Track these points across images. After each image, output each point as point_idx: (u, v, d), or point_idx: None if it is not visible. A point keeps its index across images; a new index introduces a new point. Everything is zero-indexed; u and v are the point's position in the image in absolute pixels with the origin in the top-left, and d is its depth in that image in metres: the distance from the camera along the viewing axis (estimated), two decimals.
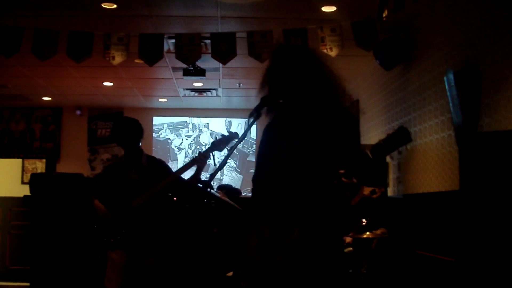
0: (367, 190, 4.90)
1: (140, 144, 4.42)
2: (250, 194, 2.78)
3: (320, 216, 2.53)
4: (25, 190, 7.50)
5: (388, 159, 6.57)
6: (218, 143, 4.20)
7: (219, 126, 11.27)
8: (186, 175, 4.37)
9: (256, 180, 2.75)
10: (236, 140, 4.10)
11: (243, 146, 11.02)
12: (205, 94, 9.80)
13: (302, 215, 2.51)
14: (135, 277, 4.25)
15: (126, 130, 4.34)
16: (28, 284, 6.32)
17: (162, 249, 4.38)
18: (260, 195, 2.74)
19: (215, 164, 4.88)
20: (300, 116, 2.65)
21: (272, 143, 2.63)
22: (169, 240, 5.07)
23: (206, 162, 4.29)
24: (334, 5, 5.43)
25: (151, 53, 5.57)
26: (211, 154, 4.23)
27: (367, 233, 4.72)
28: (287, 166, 2.60)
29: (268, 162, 2.70)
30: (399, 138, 2.38)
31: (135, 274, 4.25)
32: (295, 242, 2.54)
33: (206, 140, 11.14)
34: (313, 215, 2.52)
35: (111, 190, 4.31)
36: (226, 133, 4.28)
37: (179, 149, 11.28)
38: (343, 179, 2.33)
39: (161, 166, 4.49)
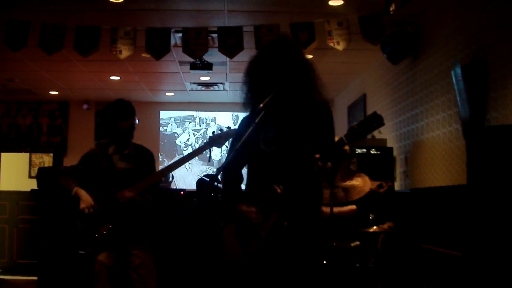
0: (374, 184, 4.89)
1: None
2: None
3: (298, 203, 2.62)
4: (32, 184, 7.53)
5: (395, 153, 6.56)
6: (217, 139, 4.00)
7: (226, 120, 11.27)
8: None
9: (228, 168, 2.71)
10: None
11: None
12: (212, 88, 9.80)
13: (280, 202, 2.56)
14: (125, 279, 4.03)
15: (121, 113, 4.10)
16: (35, 278, 6.34)
17: (151, 247, 4.16)
18: (234, 184, 2.84)
19: (210, 160, 4.80)
20: (279, 108, 2.71)
21: (249, 134, 2.65)
22: (160, 237, 4.87)
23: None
24: None
25: (158, 47, 5.57)
26: (208, 149, 4.07)
27: (374, 227, 4.71)
28: (263, 156, 2.70)
29: (244, 152, 2.73)
30: (372, 123, 2.49)
31: (124, 276, 4.03)
32: (272, 228, 2.57)
33: None
34: (292, 202, 2.58)
35: (93, 180, 4.07)
36: (225, 129, 4.09)
37: (186, 145, 11.29)
38: (319, 163, 2.39)
39: (149, 158, 4.25)
